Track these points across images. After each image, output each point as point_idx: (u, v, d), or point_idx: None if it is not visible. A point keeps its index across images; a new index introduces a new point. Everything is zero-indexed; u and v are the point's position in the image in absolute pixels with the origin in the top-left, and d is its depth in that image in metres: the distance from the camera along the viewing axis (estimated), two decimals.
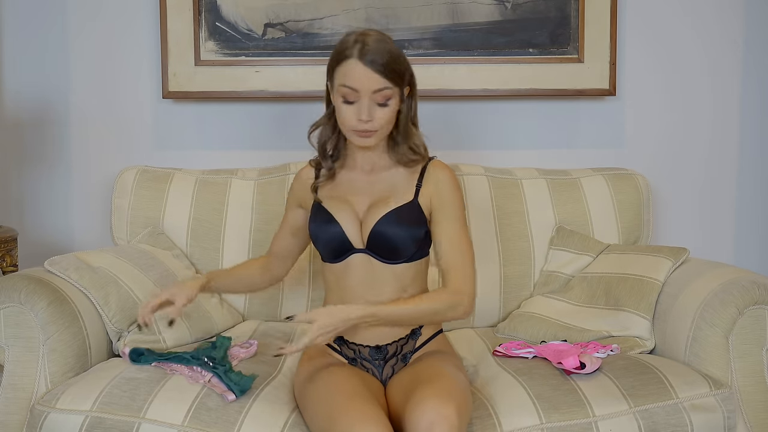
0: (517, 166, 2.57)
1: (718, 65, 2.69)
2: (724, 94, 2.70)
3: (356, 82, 1.71)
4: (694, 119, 2.71)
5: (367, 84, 1.71)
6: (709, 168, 2.72)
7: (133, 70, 2.63)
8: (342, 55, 1.73)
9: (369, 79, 1.71)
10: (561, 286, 2.28)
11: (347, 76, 1.72)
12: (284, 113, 2.64)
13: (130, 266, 2.09)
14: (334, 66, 1.76)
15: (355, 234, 1.80)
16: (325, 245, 1.82)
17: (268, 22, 2.58)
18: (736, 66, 2.69)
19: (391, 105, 1.75)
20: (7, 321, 1.82)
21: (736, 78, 2.69)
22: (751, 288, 1.87)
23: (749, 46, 2.68)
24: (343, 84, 1.73)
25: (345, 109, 1.74)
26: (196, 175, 2.43)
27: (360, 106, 1.73)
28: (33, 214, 2.66)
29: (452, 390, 1.58)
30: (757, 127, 2.72)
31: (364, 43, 1.72)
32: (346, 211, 1.81)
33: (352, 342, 1.81)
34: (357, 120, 1.73)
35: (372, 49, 1.71)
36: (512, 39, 2.59)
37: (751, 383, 1.86)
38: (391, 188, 1.83)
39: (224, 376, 1.74)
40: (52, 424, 1.70)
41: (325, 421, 1.56)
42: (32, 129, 2.64)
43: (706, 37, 2.68)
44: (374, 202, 1.81)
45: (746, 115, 2.71)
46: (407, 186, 1.84)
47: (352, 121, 1.74)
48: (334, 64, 1.76)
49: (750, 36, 2.68)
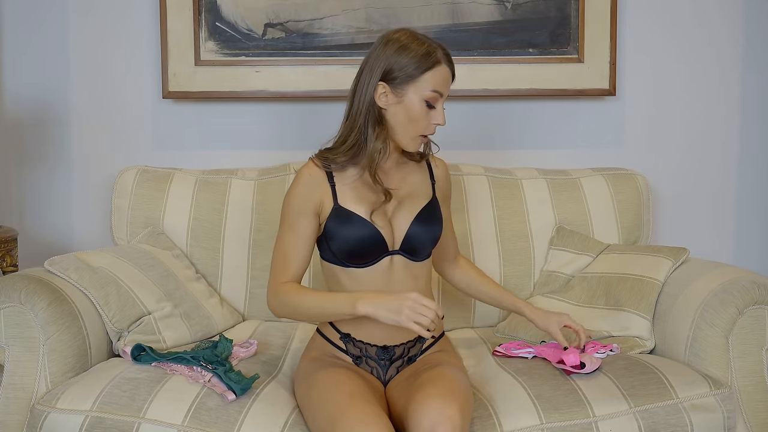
0: (517, 166, 2.57)
1: (719, 65, 2.69)
2: (724, 93, 2.70)
3: (445, 87, 1.76)
4: (694, 119, 2.71)
5: (448, 90, 1.78)
6: (709, 168, 2.72)
7: (133, 70, 2.63)
8: (433, 60, 1.73)
9: (449, 86, 1.78)
10: (561, 286, 2.28)
11: (440, 82, 1.74)
12: (284, 113, 2.64)
13: (130, 266, 2.09)
14: (422, 70, 1.72)
15: (389, 235, 1.78)
16: (356, 248, 1.75)
17: (268, 22, 2.58)
18: (737, 65, 2.69)
19: None
20: (7, 321, 1.82)
21: (737, 77, 2.70)
22: (751, 288, 1.87)
23: (750, 46, 2.68)
24: (435, 89, 1.73)
25: (426, 113, 1.75)
26: (196, 175, 2.43)
27: (437, 112, 1.75)
28: (33, 214, 2.66)
29: (455, 390, 1.58)
30: (758, 126, 2.72)
31: (443, 48, 1.76)
32: (376, 212, 1.77)
33: (359, 340, 1.80)
34: (432, 124, 1.76)
35: (449, 55, 1.77)
36: (512, 39, 2.59)
37: (751, 383, 1.86)
38: (411, 186, 1.84)
39: (224, 376, 1.74)
40: (52, 424, 1.70)
41: (325, 422, 1.56)
42: (32, 129, 2.64)
43: (706, 37, 2.68)
44: (400, 201, 1.81)
45: (747, 115, 2.71)
46: (424, 183, 1.87)
47: (429, 126, 1.76)
48: (425, 67, 1.72)
49: (751, 35, 2.68)
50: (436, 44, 1.75)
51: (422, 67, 1.72)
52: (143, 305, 2.01)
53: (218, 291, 2.32)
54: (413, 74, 1.72)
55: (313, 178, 1.78)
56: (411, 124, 1.74)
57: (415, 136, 1.76)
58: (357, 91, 1.77)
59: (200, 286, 2.25)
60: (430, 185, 1.87)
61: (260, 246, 2.32)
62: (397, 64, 1.72)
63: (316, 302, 1.73)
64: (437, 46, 1.75)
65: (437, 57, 1.73)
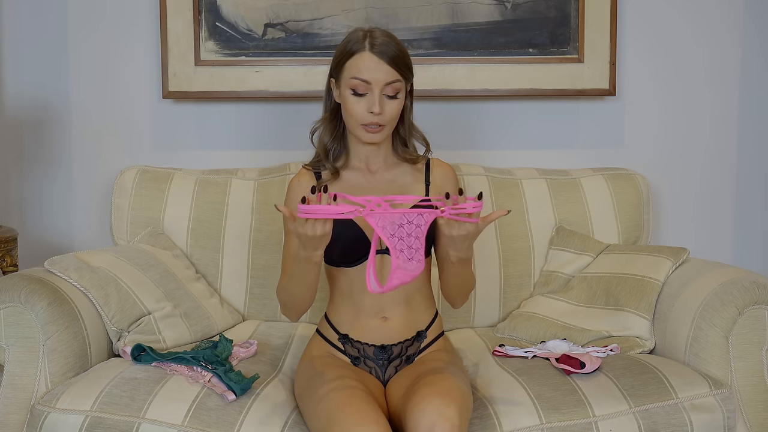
0: (517, 166, 2.57)
1: (718, 65, 2.69)
2: (723, 93, 2.70)
3: (369, 73, 1.72)
4: (694, 119, 2.70)
5: (380, 76, 1.72)
6: (709, 168, 2.72)
7: (133, 70, 2.63)
8: (352, 49, 1.74)
9: (381, 71, 1.72)
10: (561, 286, 2.28)
11: (359, 68, 1.73)
12: (284, 113, 2.64)
13: (130, 266, 2.08)
14: (343, 61, 1.76)
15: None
16: (343, 249, 1.78)
17: (268, 22, 2.58)
18: (736, 65, 2.69)
19: (400, 98, 1.77)
20: (7, 321, 1.82)
21: (736, 77, 2.69)
22: (751, 288, 1.87)
23: (750, 46, 2.68)
24: (354, 76, 1.73)
25: (355, 101, 1.74)
26: (196, 175, 2.43)
27: (371, 99, 1.73)
28: (33, 214, 2.66)
29: (454, 390, 1.58)
30: (757, 126, 2.72)
31: (373, 36, 1.74)
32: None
33: (357, 341, 1.81)
34: (368, 113, 1.73)
35: (383, 42, 1.73)
36: (512, 39, 2.59)
37: (751, 383, 1.86)
38: (401, 187, 1.84)
39: (224, 376, 1.74)
40: (52, 424, 1.70)
41: (324, 422, 1.56)
42: (32, 129, 2.64)
43: (706, 37, 2.68)
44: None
45: (745, 115, 2.71)
46: (415, 184, 1.85)
47: (362, 114, 1.74)
48: (344, 58, 1.76)
49: (750, 35, 2.68)
50: (367, 32, 1.75)
51: (344, 58, 1.76)
52: (143, 305, 2.01)
53: (218, 291, 2.32)
54: (339, 65, 1.78)
55: (302, 184, 1.85)
56: (348, 114, 1.77)
57: (356, 125, 1.76)
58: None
59: (200, 286, 2.25)
60: (424, 188, 1.86)
61: (260, 246, 2.32)
62: (334, 59, 1.79)
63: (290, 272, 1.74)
64: (364, 34, 1.75)
65: (357, 46, 1.74)
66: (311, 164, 1.88)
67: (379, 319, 1.79)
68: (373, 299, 1.78)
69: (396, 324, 1.80)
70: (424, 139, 1.88)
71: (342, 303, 1.83)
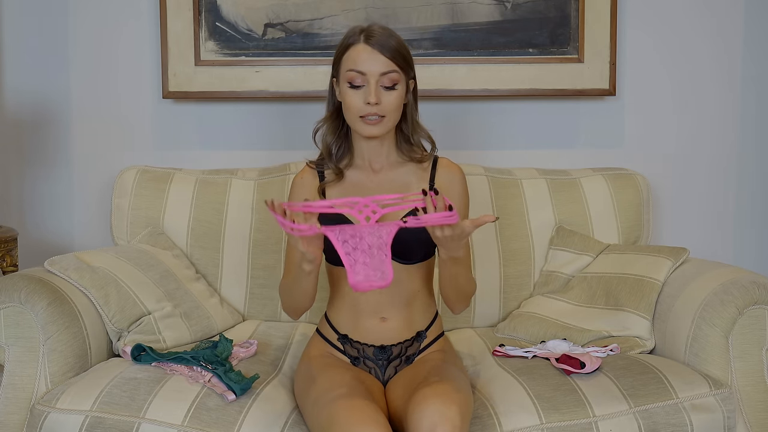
0: (517, 166, 2.57)
1: (718, 65, 2.69)
2: (724, 93, 2.70)
3: (363, 64, 1.73)
4: (694, 119, 2.71)
5: (375, 66, 1.73)
6: (709, 168, 2.72)
7: (133, 70, 2.63)
8: (348, 43, 1.76)
9: (376, 62, 1.73)
10: (561, 286, 2.28)
11: (354, 60, 1.74)
12: (284, 113, 2.64)
13: (130, 266, 2.09)
14: (340, 56, 1.78)
15: None
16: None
17: (268, 22, 2.58)
18: (736, 65, 2.69)
19: (399, 90, 1.76)
20: (7, 321, 1.82)
21: (736, 77, 2.69)
22: (751, 288, 1.87)
23: (750, 45, 2.68)
24: (350, 69, 1.74)
25: (351, 94, 1.74)
26: (196, 175, 2.43)
27: (367, 90, 1.73)
28: (33, 214, 2.66)
29: (454, 391, 1.57)
30: (757, 126, 2.72)
31: (370, 29, 1.76)
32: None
33: (356, 341, 1.81)
34: (364, 104, 1.73)
35: (378, 34, 1.75)
36: (512, 39, 2.59)
37: (751, 383, 1.86)
38: (404, 187, 1.83)
39: (224, 376, 1.74)
40: (52, 424, 1.70)
41: (325, 422, 1.55)
42: (32, 129, 2.64)
43: (706, 37, 2.68)
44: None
45: (746, 115, 2.71)
46: (419, 183, 1.84)
47: (360, 106, 1.74)
48: (341, 53, 1.78)
49: (750, 35, 2.68)
50: (365, 27, 1.77)
51: (339, 54, 1.79)
52: (143, 305, 2.01)
53: (218, 291, 2.32)
54: (337, 61, 1.79)
55: (304, 181, 1.86)
56: (346, 108, 1.77)
57: (355, 119, 1.76)
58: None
59: (200, 286, 2.25)
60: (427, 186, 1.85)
61: (260, 246, 2.32)
62: (334, 57, 1.81)
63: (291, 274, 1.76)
64: (361, 29, 1.76)
65: (353, 39, 1.76)
66: (315, 162, 1.88)
67: (378, 320, 1.79)
68: (372, 300, 1.78)
69: (395, 324, 1.80)
70: (430, 137, 1.87)
71: (341, 303, 1.83)
